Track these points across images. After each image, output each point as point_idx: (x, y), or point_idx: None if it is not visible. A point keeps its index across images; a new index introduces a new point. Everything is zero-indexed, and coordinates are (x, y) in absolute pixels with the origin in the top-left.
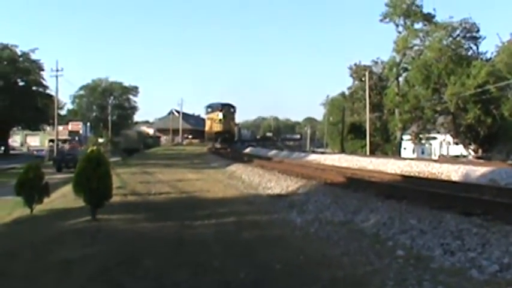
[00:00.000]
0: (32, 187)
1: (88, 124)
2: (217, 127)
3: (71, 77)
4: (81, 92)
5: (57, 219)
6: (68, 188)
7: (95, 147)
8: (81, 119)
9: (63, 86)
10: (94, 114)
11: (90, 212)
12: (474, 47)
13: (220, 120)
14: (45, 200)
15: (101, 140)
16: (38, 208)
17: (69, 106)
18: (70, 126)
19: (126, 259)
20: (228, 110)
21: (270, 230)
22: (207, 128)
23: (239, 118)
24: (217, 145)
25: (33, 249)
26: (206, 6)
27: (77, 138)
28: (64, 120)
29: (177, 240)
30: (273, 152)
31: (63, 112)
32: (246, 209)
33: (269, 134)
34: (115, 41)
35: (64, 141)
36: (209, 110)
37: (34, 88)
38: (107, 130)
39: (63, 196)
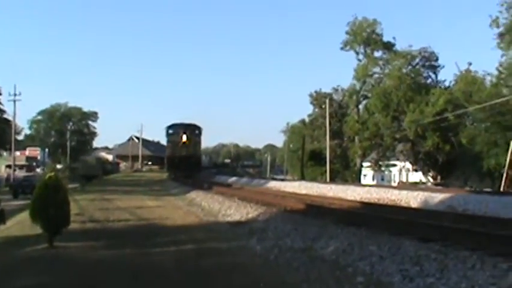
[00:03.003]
0: None
1: (46, 150)
2: (181, 151)
3: (29, 102)
4: (39, 117)
5: (13, 246)
6: (25, 215)
7: (52, 173)
8: (39, 144)
9: (21, 110)
10: (52, 139)
11: (47, 240)
12: (433, 75)
13: (184, 143)
14: (1, 227)
15: (59, 166)
16: None
17: (27, 131)
18: (28, 152)
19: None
20: (192, 131)
21: (230, 257)
22: (168, 153)
23: None
24: (180, 172)
25: None
26: (165, 32)
27: (34, 164)
28: (21, 145)
29: (135, 268)
30: (233, 178)
31: (20, 137)
32: (206, 236)
33: (227, 161)
34: (74, 66)
35: (21, 167)
36: (170, 131)
37: None
38: (66, 156)
39: (20, 223)
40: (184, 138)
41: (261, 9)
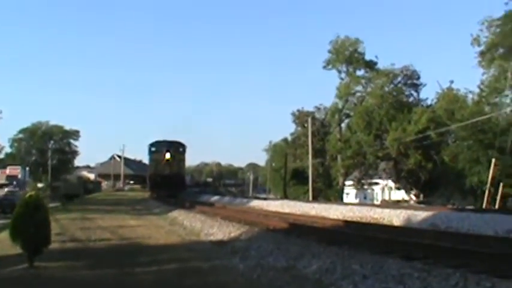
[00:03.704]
0: None
1: (27, 168)
2: (164, 169)
3: (10, 120)
4: (21, 135)
5: None
6: (5, 234)
7: (33, 192)
8: (19, 163)
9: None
10: (33, 158)
11: (27, 259)
12: (415, 94)
13: (167, 161)
14: None
15: (40, 185)
16: None
17: (8, 149)
18: (8, 171)
19: None
20: (176, 149)
21: (212, 277)
22: (150, 171)
23: None
24: (163, 192)
25: None
26: (146, 51)
27: (15, 182)
28: (2, 164)
29: None
30: (216, 197)
31: (1, 156)
32: (188, 256)
33: (209, 180)
34: (56, 84)
35: (1, 186)
36: (153, 149)
37: None
38: (47, 175)
39: (0, 242)
40: (167, 156)
41: (244, 27)
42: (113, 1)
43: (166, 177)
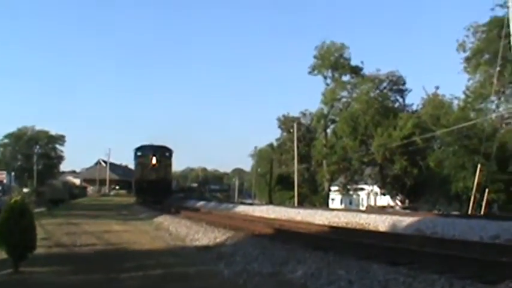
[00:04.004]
0: None
1: (12, 173)
2: (150, 174)
3: None
4: (6, 141)
5: None
6: None
7: (19, 197)
8: (5, 168)
9: None
10: (19, 163)
11: (12, 265)
12: (400, 99)
13: (153, 166)
14: None
15: (25, 190)
16: None
17: None
18: None
19: None
20: (163, 153)
21: (198, 282)
22: (136, 176)
23: None
24: (149, 197)
25: None
26: (132, 55)
27: (0, 187)
28: None
29: None
30: (201, 203)
31: None
32: (174, 261)
33: (194, 185)
34: (41, 89)
35: None
36: (139, 153)
37: None
38: (32, 180)
39: None
40: (154, 160)
41: (229, 32)
42: (99, 4)
43: (152, 183)
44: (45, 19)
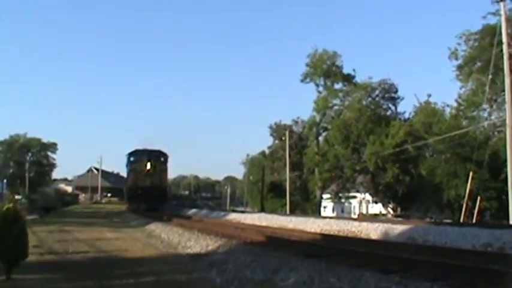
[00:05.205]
0: None
1: (4, 181)
2: (144, 181)
3: None
4: None
5: None
6: None
7: (11, 205)
8: None
9: None
10: (11, 170)
11: (4, 272)
12: (393, 107)
13: (148, 171)
14: None
15: (18, 197)
16: None
17: None
18: None
19: None
20: (158, 158)
21: None
22: (129, 183)
23: None
24: (143, 205)
25: None
26: (125, 63)
27: None
28: None
29: None
30: (193, 210)
31: None
32: (166, 268)
33: (186, 193)
34: (34, 96)
35: None
36: (132, 158)
37: None
38: (24, 187)
39: None
40: (148, 166)
41: (221, 39)
42: (90, 9)
43: (146, 189)
44: (35, 25)
